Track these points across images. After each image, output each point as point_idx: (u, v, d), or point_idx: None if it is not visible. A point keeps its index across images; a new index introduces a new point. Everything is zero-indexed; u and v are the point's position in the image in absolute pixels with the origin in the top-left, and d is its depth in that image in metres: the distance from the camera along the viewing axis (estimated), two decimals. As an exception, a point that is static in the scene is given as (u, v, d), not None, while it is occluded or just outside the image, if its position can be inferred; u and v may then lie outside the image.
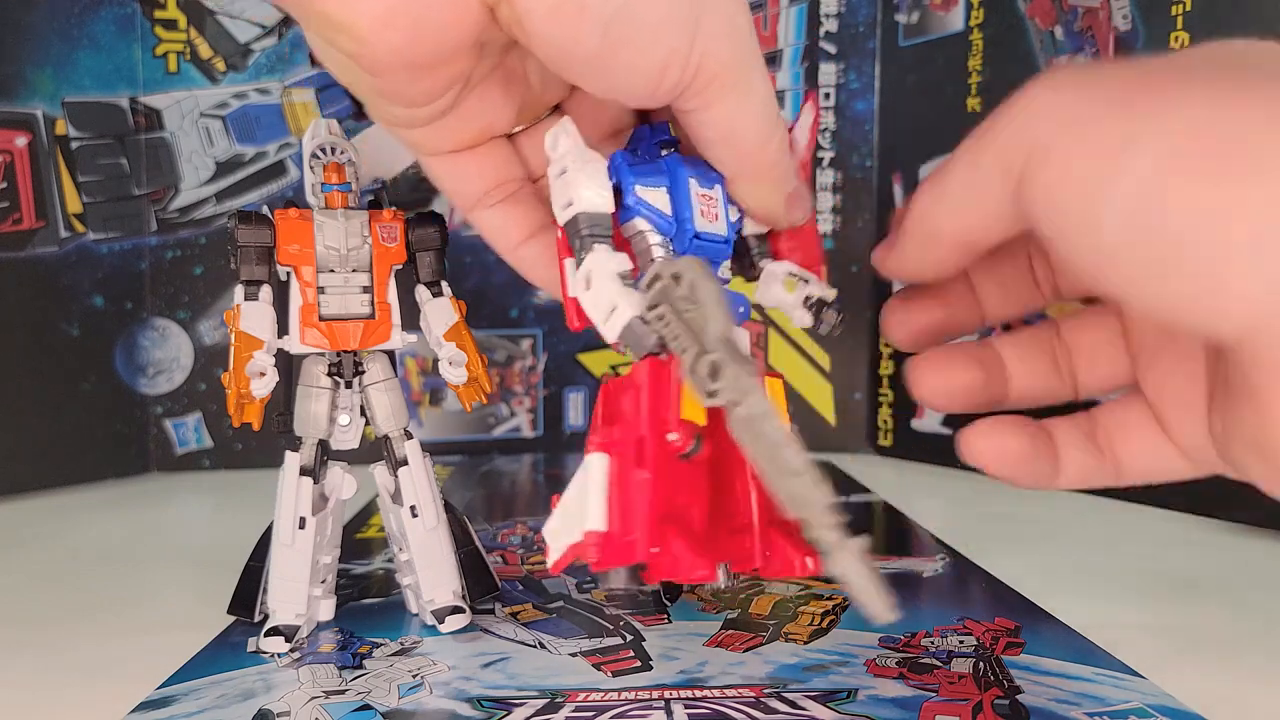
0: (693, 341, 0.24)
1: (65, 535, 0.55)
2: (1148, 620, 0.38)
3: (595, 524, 0.26)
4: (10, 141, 0.65)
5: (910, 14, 0.72)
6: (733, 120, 0.28)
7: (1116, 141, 0.23)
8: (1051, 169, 0.24)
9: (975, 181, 0.27)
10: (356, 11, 0.24)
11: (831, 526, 0.22)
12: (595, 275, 0.27)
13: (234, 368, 0.34)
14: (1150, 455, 0.29)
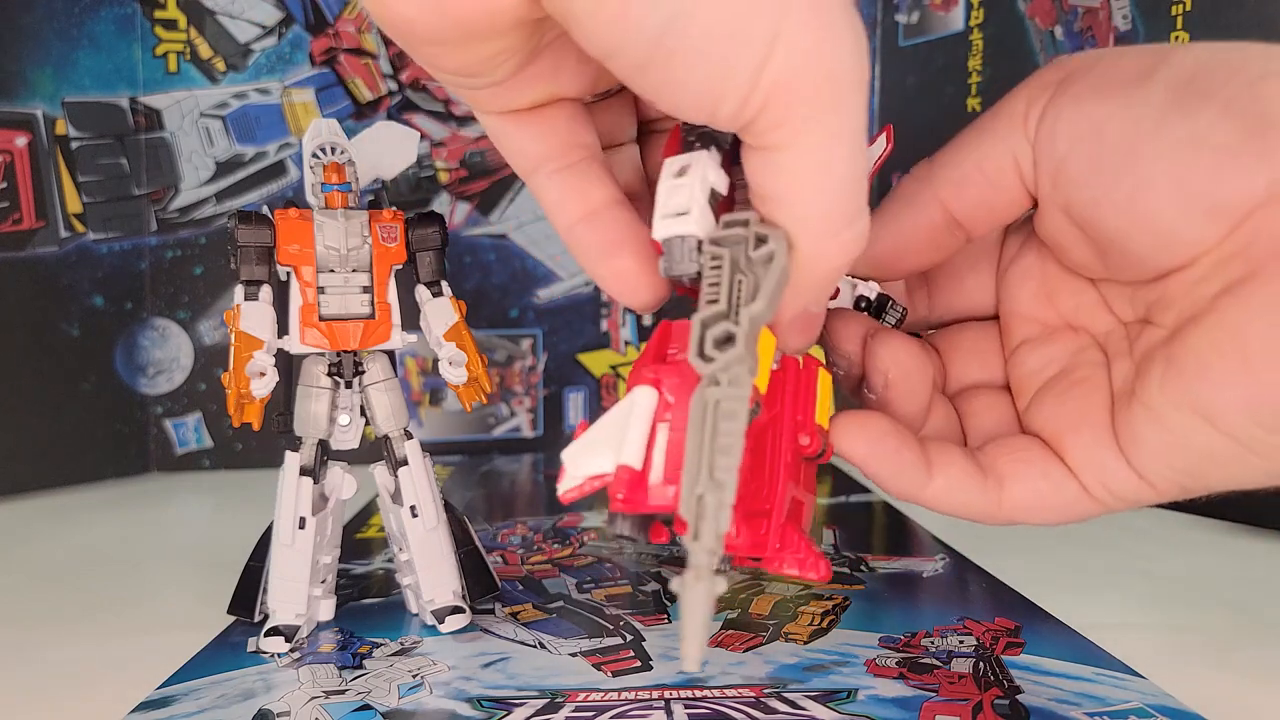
0: (727, 302, 0.23)
1: (65, 535, 0.55)
2: (1148, 620, 0.38)
3: (631, 459, 0.23)
4: (10, 141, 0.65)
5: (910, 14, 0.72)
6: (797, 179, 0.22)
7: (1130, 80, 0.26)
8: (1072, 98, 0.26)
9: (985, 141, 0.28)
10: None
11: (711, 553, 0.21)
12: (692, 171, 0.24)
13: (234, 368, 0.34)
14: (1040, 477, 0.28)
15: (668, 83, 0.21)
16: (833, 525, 0.53)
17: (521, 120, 0.28)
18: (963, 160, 0.29)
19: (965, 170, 0.29)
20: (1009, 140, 0.28)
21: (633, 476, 0.23)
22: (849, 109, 0.21)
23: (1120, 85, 0.26)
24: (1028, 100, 0.28)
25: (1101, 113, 0.26)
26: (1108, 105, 0.26)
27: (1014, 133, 0.28)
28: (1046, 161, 0.27)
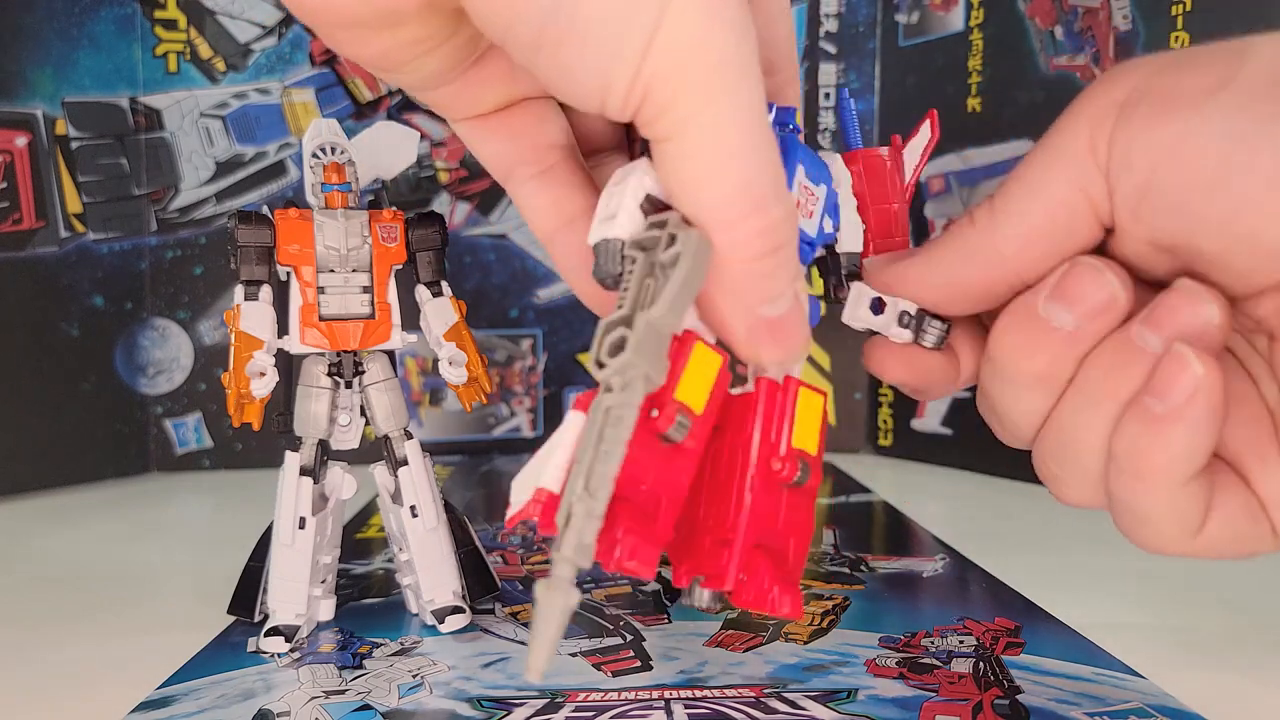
0: (630, 306, 0.22)
1: (65, 535, 0.55)
2: (1148, 620, 0.38)
3: (549, 483, 0.23)
4: (10, 141, 0.65)
5: (910, 14, 0.72)
6: (689, 168, 0.22)
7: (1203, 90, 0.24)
8: (1147, 117, 0.24)
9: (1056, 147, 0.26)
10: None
11: (570, 564, 0.20)
12: (630, 177, 0.24)
13: (234, 368, 0.34)
14: (1240, 518, 0.26)
15: (559, 69, 0.21)
16: (833, 525, 0.53)
17: (489, 124, 0.27)
18: (1029, 210, 0.26)
19: (1034, 222, 0.26)
20: (1079, 180, 0.26)
21: (550, 499, 0.23)
22: (737, 95, 0.21)
23: (1194, 97, 0.24)
24: (1091, 128, 0.25)
25: (1179, 131, 0.24)
26: (1185, 121, 0.24)
27: (1083, 168, 0.26)
28: (1125, 193, 0.25)
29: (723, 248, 0.22)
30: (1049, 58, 0.62)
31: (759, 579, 0.25)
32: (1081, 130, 0.26)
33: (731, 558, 0.25)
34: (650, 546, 0.23)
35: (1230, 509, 0.25)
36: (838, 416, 0.78)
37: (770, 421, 0.26)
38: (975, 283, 0.27)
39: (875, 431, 0.77)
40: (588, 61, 0.20)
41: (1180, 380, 0.23)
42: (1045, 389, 0.27)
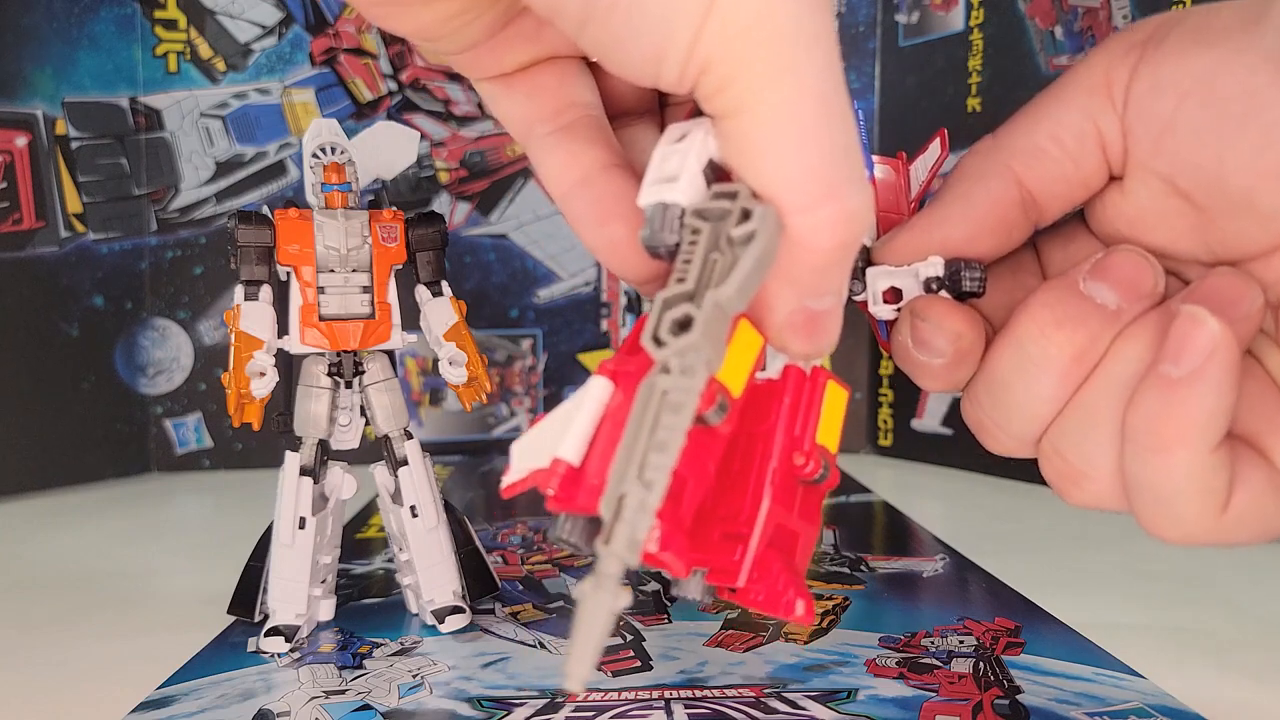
0: (695, 281, 0.20)
1: (65, 535, 0.55)
2: (1148, 620, 0.38)
3: (568, 454, 0.21)
4: (10, 141, 0.65)
5: (910, 14, 0.72)
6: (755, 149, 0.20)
7: (1240, 16, 0.23)
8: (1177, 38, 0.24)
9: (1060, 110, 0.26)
10: None
11: (620, 561, 0.18)
12: (691, 136, 0.22)
13: (234, 368, 0.34)
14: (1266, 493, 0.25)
15: (609, 41, 0.20)
16: (833, 525, 0.53)
17: (511, 83, 0.26)
18: (1034, 130, 0.26)
19: (1038, 141, 0.26)
20: (1089, 109, 0.26)
21: (568, 472, 0.21)
22: (809, 68, 0.19)
23: (1225, 32, 0.24)
24: (1108, 64, 0.25)
25: (1209, 62, 0.24)
26: (1216, 53, 0.24)
27: (1095, 100, 0.26)
28: (1147, 124, 0.25)
29: (793, 233, 0.20)
30: (1049, 58, 0.62)
31: (772, 580, 0.23)
32: (1097, 70, 0.25)
33: (746, 555, 0.23)
34: (683, 536, 0.21)
35: (1255, 485, 0.24)
36: (838, 416, 0.78)
37: (796, 413, 0.24)
38: (991, 204, 0.27)
39: (875, 431, 0.77)
40: (640, 30, 0.19)
41: (1197, 340, 0.23)
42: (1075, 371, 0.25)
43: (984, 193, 0.27)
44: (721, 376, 0.21)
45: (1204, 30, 0.24)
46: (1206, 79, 0.24)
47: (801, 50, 0.19)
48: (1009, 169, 0.26)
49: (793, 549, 0.24)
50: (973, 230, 0.27)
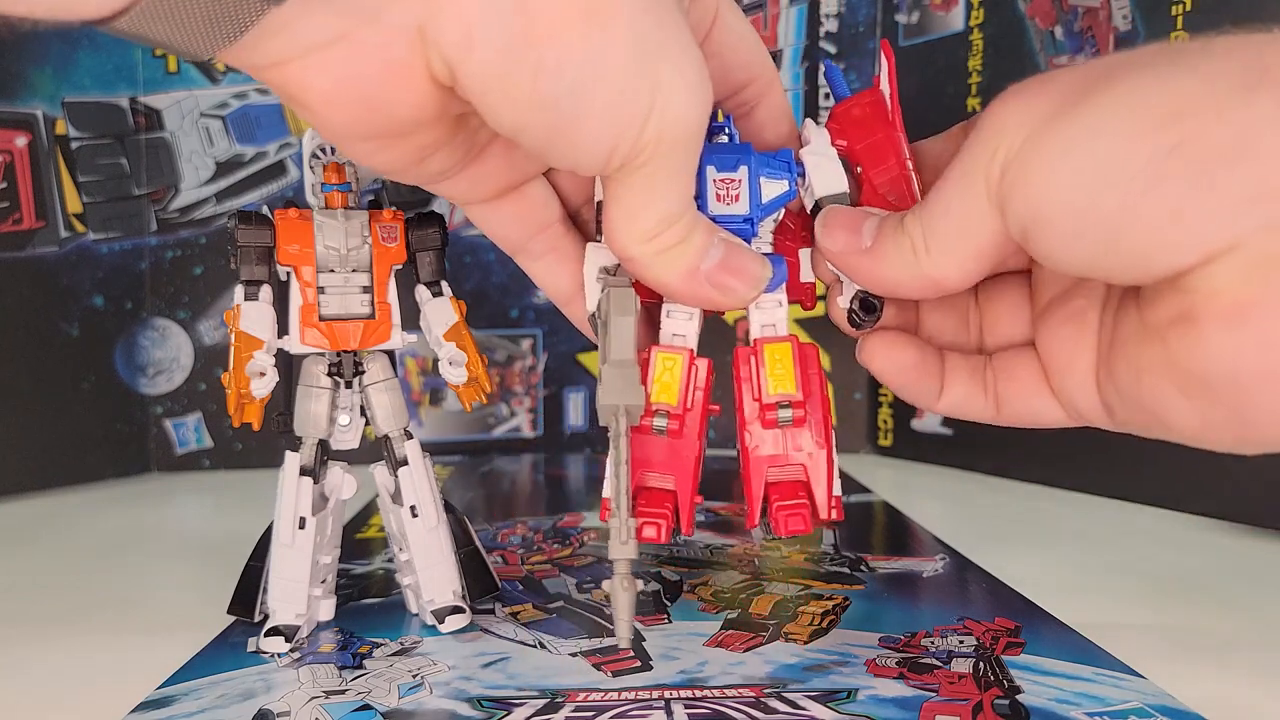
0: (601, 357, 0.29)
1: (65, 535, 0.55)
2: (1148, 620, 0.38)
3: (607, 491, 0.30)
4: (10, 141, 0.65)
5: (910, 14, 0.72)
6: (644, 204, 0.27)
7: (1079, 120, 0.24)
8: (1021, 164, 0.25)
9: (963, 198, 0.27)
10: (306, 87, 0.24)
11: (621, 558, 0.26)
12: (585, 264, 0.32)
13: (234, 368, 0.34)
14: (1029, 400, 0.32)
15: (572, 145, 0.25)
16: (833, 525, 0.53)
17: (498, 207, 0.32)
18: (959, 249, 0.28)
19: (966, 263, 0.28)
20: (995, 230, 0.27)
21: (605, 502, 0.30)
22: (698, 139, 0.26)
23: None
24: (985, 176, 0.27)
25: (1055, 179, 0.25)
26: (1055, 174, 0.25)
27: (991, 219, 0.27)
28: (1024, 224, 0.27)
29: (652, 248, 0.28)
30: (1049, 58, 0.62)
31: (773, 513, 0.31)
32: (979, 182, 0.27)
33: (750, 502, 0.31)
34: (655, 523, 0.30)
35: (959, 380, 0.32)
36: (838, 416, 0.78)
37: (746, 380, 0.31)
38: (916, 294, 0.30)
39: (875, 431, 0.77)
40: (600, 135, 0.25)
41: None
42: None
43: (911, 289, 0.30)
44: (655, 398, 0.30)
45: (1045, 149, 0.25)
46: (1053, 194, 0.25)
47: (698, 136, 0.26)
48: (938, 286, 0.29)
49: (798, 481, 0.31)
50: (896, 296, 0.31)
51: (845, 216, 0.30)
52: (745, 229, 0.31)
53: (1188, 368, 0.25)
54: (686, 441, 0.31)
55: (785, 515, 0.30)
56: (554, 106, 0.24)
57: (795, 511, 0.30)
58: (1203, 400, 0.25)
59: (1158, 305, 0.26)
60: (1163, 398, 0.26)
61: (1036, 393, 0.31)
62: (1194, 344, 0.24)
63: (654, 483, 0.31)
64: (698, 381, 0.31)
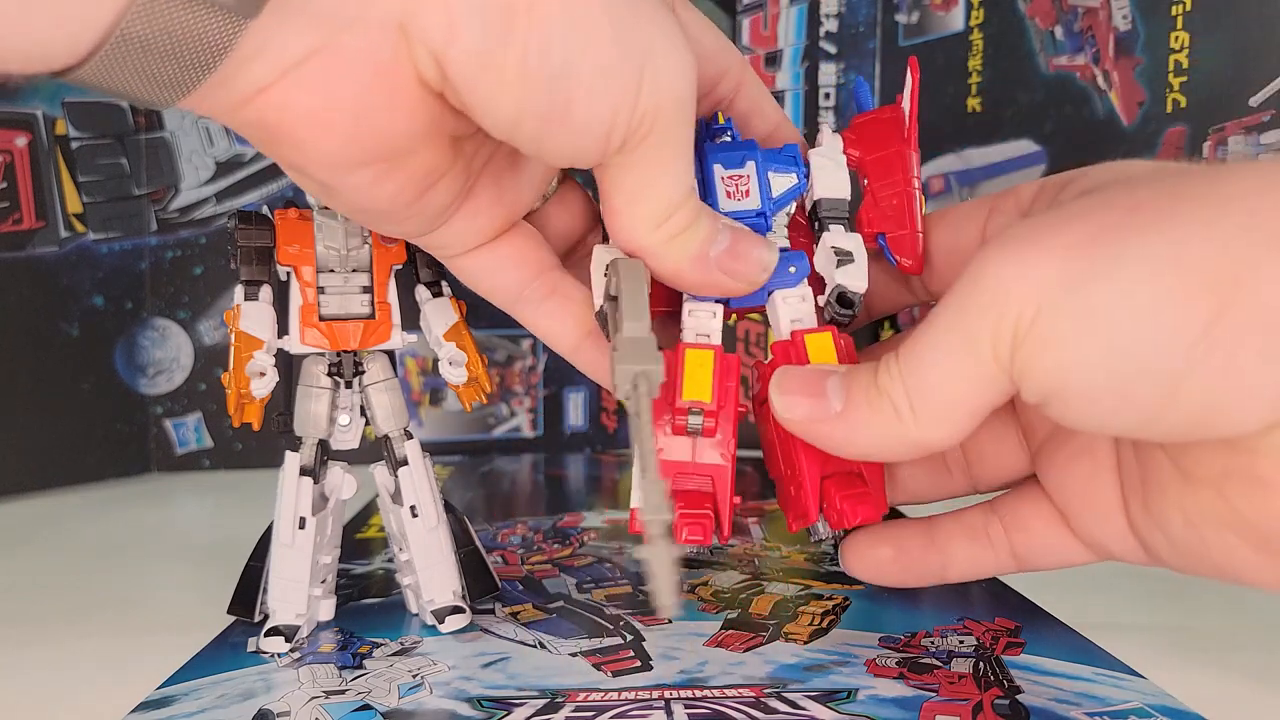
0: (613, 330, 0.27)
1: (65, 535, 0.55)
2: (1148, 620, 0.38)
3: (635, 500, 0.30)
4: (10, 141, 0.65)
5: (910, 14, 0.72)
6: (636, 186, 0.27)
7: (1098, 292, 0.23)
8: (1039, 342, 0.24)
9: (964, 360, 0.25)
10: (290, 111, 0.23)
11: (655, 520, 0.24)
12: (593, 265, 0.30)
13: (234, 368, 0.34)
14: (1051, 546, 0.31)
15: (569, 129, 0.24)
16: (833, 525, 0.53)
17: (495, 250, 0.31)
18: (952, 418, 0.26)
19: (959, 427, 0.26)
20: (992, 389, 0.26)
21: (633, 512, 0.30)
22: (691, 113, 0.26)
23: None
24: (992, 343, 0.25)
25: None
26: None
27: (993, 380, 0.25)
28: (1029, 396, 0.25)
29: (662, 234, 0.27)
30: (1049, 58, 0.62)
31: (833, 506, 0.30)
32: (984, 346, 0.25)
33: (807, 496, 0.30)
34: (700, 523, 0.29)
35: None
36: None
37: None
38: (897, 458, 0.28)
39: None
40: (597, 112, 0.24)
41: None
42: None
43: (893, 454, 0.28)
44: (687, 396, 0.30)
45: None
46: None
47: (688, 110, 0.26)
48: (922, 448, 0.27)
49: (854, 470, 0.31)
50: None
51: (801, 379, 0.28)
52: (759, 223, 0.31)
53: (1264, 528, 0.24)
54: (722, 440, 0.30)
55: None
56: (546, 88, 0.23)
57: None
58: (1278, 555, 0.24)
59: (1202, 455, 0.25)
60: (1231, 551, 0.25)
61: (1057, 537, 0.31)
62: (1265, 504, 0.24)
63: (691, 484, 0.30)
64: (728, 378, 0.30)
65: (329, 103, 0.23)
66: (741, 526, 0.52)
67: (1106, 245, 0.23)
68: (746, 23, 0.78)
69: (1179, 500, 0.26)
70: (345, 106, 0.23)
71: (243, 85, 0.22)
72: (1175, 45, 0.54)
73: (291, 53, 0.22)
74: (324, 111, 0.23)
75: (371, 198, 0.26)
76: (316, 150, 0.24)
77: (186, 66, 0.21)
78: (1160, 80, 0.55)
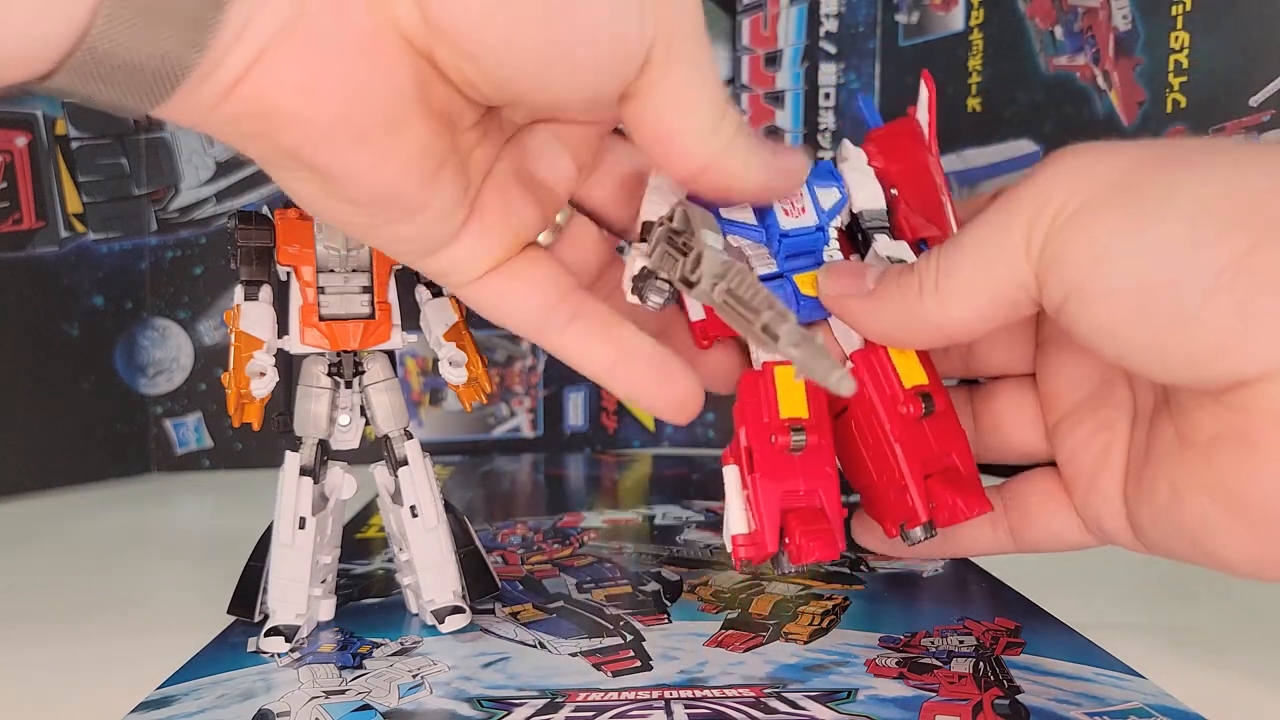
0: (684, 255, 0.26)
1: (65, 535, 0.55)
2: (1148, 620, 0.38)
3: (737, 528, 0.30)
4: (10, 141, 0.65)
5: (910, 14, 0.72)
6: (680, 99, 0.25)
7: (1148, 199, 0.23)
8: (1078, 227, 0.24)
9: (997, 242, 0.26)
10: (280, 87, 0.22)
11: (787, 332, 0.23)
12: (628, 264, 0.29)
13: (234, 368, 0.34)
14: (1048, 523, 0.31)
15: (573, 66, 0.23)
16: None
17: (509, 271, 0.29)
18: (974, 297, 0.27)
19: (980, 307, 0.27)
20: (1018, 277, 0.26)
21: (744, 539, 0.30)
22: (701, 24, 0.25)
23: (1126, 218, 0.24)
24: (1027, 229, 0.26)
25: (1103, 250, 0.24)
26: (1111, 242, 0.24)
27: (1020, 269, 0.26)
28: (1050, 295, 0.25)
29: (714, 149, 0.26)
30: (1049, 58, 0.62)
31: (943, 503, 0.30)
32: (1017, 231, 0.26)
33: (912, 497, 0.30)
34: (822, 539, 0.29)
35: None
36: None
37: (878, 381, 0.30)
38: (916, 341, 0.29)
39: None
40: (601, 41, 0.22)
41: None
42: None
43: (913, 337, 0.29)
44: (785, 414, 0.30)
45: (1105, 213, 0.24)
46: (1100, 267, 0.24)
47: (701, 26, 0.25)
48: (945, 332, 0.28)
49: (953, 466, 0.31)
50: (891, 344, 0.30)
51: (848, 265, 0.30)
52: (819, 237, 0.31)
53: (1242, 493, 0.24)
54: (824, 453, 0.30)
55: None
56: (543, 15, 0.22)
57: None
58: (1257, 530, 0.24)
59: (1200, 418, 0.25)
60: (1208, 522, 0.25)
61: (1055, 513, 0.31)
62: (1253, 469, 0.23)
63: (802, 503, 0.30)
64: (818, 390, 0.30)
65: (315, 71, 0.22)
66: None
67: (1166, 168, 0.24)
68: (746, 23, 0.78)
69: (1169, 469, 0.26)
70: (331, 75, 0.22)
71: (223, 75, 0.21)
72: (1175, 45, 0.54)
73: (271, 26, 0.21)
74: (311, 81, 0.22)
75: (376, 181, 0.25)
76: (313, 123, 0.23)
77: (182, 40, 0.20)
78: (1160, 80, 0.55)
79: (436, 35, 0.22)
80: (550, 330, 0.29)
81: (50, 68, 0.20)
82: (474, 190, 0.27)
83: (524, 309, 0.29)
